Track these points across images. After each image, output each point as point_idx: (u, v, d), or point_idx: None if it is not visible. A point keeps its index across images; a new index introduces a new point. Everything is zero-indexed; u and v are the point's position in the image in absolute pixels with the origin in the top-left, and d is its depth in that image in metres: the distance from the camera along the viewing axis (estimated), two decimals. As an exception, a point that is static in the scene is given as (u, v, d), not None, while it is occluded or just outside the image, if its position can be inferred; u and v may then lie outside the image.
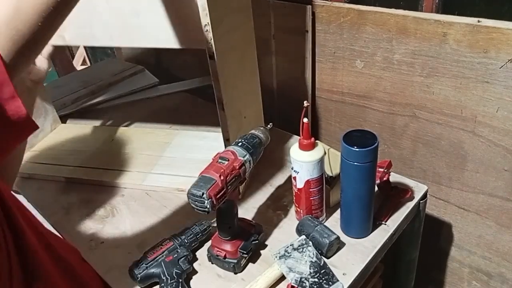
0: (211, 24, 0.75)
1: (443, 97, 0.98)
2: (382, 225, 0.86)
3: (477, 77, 0.90)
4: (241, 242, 0.79)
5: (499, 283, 1.12)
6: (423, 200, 0.93)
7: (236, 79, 0.91)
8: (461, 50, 0.90)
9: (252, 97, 1.05)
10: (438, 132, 1.03)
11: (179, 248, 0.81)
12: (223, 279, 0.79)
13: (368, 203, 0.79)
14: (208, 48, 0.78)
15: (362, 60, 1.09)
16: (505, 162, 0.95)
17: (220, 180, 0.69)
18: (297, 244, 0.78)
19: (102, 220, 0.96)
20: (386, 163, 0.89)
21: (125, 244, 0.89)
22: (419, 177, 1.13)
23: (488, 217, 1.04)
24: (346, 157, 0.73)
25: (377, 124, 1.15)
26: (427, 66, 0.97)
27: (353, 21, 1.05)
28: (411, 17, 0.95)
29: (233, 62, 0.89)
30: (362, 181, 0.76)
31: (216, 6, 0.77)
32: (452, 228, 1.14)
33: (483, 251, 1.10)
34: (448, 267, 1.22)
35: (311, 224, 0.80)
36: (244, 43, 0.95)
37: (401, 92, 1.05)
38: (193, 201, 0.68)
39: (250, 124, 0.99)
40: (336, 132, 1.28)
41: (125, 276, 0.79)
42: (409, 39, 0.97)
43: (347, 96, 1.18)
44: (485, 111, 0.93)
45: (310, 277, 0.73)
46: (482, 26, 0.85)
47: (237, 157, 0.74)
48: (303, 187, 0.80)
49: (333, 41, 1.12)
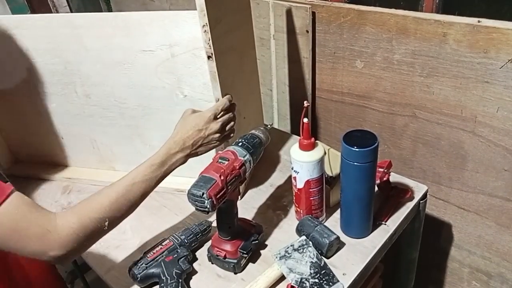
0: (209, 25, 0.75)
1: (443, 97, 0.98)
2: (382, 225, 0.86)
3: (477, 77, 0.90)
4: (241, 242, 0.79)
5: (499, 283, 1.12)
6: (423, 200, 0.93)
7: (236, 79, 0.91)
8: (461, 50, 0.90)
9: (252, 97, 1.05)
10: (438, 132, 1.03)
11: (179, 248, 0.81)
12: (223, 279, 0.79)
13: (368, 203, 0.79)
14: (206, 49, 0.78)
15: (362, 60, 1.09)
16: (505, 162, 0.95)
17: (220, 180, 0.69)
18: (298, 244, 0.78)
19: (102, 220, 0.96)
20: (386, 163, 0.89)
21: (125, 244, 0.89)
22: (419, 177, 1.13)
23: (488, 217, 1.04)
24: (346, 157, 0.73)
25: (377, 124, 1.15)
26: (427, 66, 0.97)
27: (353, 21, 1.05)
28: (411, 17, 0.95)
29: (232, 62, 0.89)
30: (362, 181, 0.76)
31: (215, 6, 0.76)
32: (452, 228, 1.14)
33: (483, 251, 1.10)
34: (448, 267, 1.22)
35: (311, 224, 0.80)
36: (243, 43, 0.95)
37: (401, 92, 1.05)
38: (193, 201, 0.68)
39: (250, 124, 1.00)
40: (336, 132, 1.28)
41: (125, 276, 0.79)
42: (409, 39, 0.97)
43: (347, 96, 1.18)
44: (485, 111, 0.93)
45: (311, 278, 0.73)
46: (482, 26, 0.85)
47: (237, 157, 0.74)
48: (303, 187, 0.80)
49: (333, 41, 1.12)
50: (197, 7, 0.74)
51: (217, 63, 0.80)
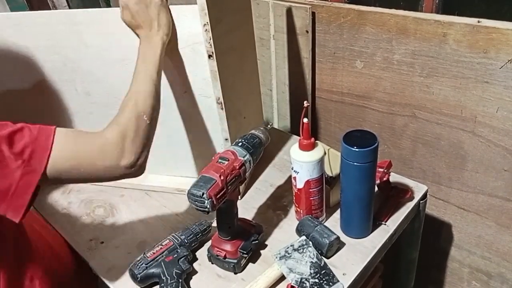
0: (210, 24, 0.75)
1: (442, 97, 0.98)
2: (382, 225, 0.86)
3: (477, 77, 0.90)
4: (241, 242, 0.79)
5: (499, 283, 1.12)
6: (423, 200, 0.93)
7: (236, 79, 0.91)
8: (461, 50, 0.90)
9: (252, 97, 1.05)
10: (438, 132, 1.03)
11: (179, 248, 0.81)
12: (223, 279, 0.79)
13: (368, 203, 0.79)
14: (207, 48, 0.78)
15: (362, 60, 1.09)
16: (504, 162, 0.95)
17: (220, 180, 0.69)
18: (298, 244, 0.78)
19: (102, 220, 0.96)
20: (386, 163, 0.89)
21: (125, 244, 0.89)
22: (419, 177, 1.13)
23: (488, 217, 1.04)
24: (346, 157, 0.73)
25: (377, 124, 1.15)
26: (427, 66, 0.97)
27: (353, 22, 1.05)
28: (411, 18, 0.95)
29: (232, 62, 0.89)
30: (362, 181, 0.76)
31: (215, 6, 0.77)
32: (452, 228, 1.14)
33: (483, 251, 1.10)
34: (448, 267, 1.22)
35: (311, 224, 0.80)
36: (243, 43, 0.95)
37: (401, 92, 1.05)
38: (193, 201, 0.68)
39: (250, 124, 1.00)
40: (336, 132, 1.28)
41: (125, 276, 0.79)
42: (409, 40, 0.97)
43: (346, 96, 1.18)
44: (484, 111, 0.93)
45: (311, 278, 0.73)
46: (482, 27, 0.85)
47: (237, 157, 0.74)
48: (303, 187, 0.80)
49: (333, 42, 1.12)
50: (198, 6, 0.74)
51: (218, 63, 0.80)
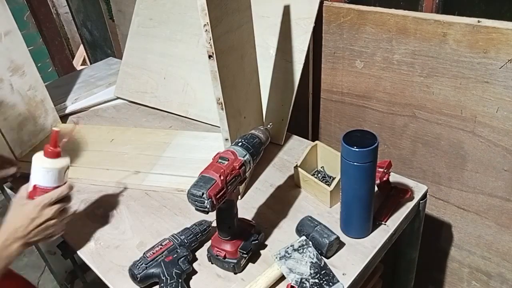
0: (210, 24, 0.75)
1: (442, 97, 0.98)
2: (382, 225, 0.86)
3: (477, 77, 0.90)
4: (241, 242, 0.79)
5: (499, 283, 1.12)
6: (423, 200, 0.93)
7: (236, 79, 0.91)
8: (461, 50, 0.90)
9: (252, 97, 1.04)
10: (438, 132, 1.03)
11: (179, 248, 0.81)
12: (223, 279, 0.79)
13: (368, 203, 0.79)
14: (208, 48, 0.78)
15: (362, 60, 1.09)
16: (504, 162, 0.95)
17: (220, 180, 0.69)
18: (298, 245, 0.78)
19: (102, 220, 0.96)
20: (386, 163, 0.89)
21: (125, 244, 0.89)
22: (419, 177, 1.13)
23: (487, 217, 1.04)
24: (346, 157, 0.74)
25: (377, 124, 1.15)
26: (427, 66, 0.97)
27: (353, 21, 1.05)
28: (411, 17, 0.95)
29: (232, 62, 0.89)
30: (362, 181, 0.76)
31: (216, 6, 0.77)
32: (452, 228, 1.14)
33: (482, 251, 1.10)
34: (448, 267, 1.22)
35: (311, 224, 0.80)
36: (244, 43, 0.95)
37: (401, 92, 1.05)
38: (193, 201, 0.68)
39: (250, 124, 0.99)
40: (336, 132, 1.28)
41: (125, 276, 0.79)
42: (409, 39, 0.97)
43: (346, 96, 1.18)
44: (484, 111, 0.93)
45: (311, 278, 0.73)
46: (482, 26, 0.85)
47: (237, 157, 0.74)
48: None
49: (333, 41, 1.12)
50: (198, 7, 0.74)
51: (218, 63, 0.80)
